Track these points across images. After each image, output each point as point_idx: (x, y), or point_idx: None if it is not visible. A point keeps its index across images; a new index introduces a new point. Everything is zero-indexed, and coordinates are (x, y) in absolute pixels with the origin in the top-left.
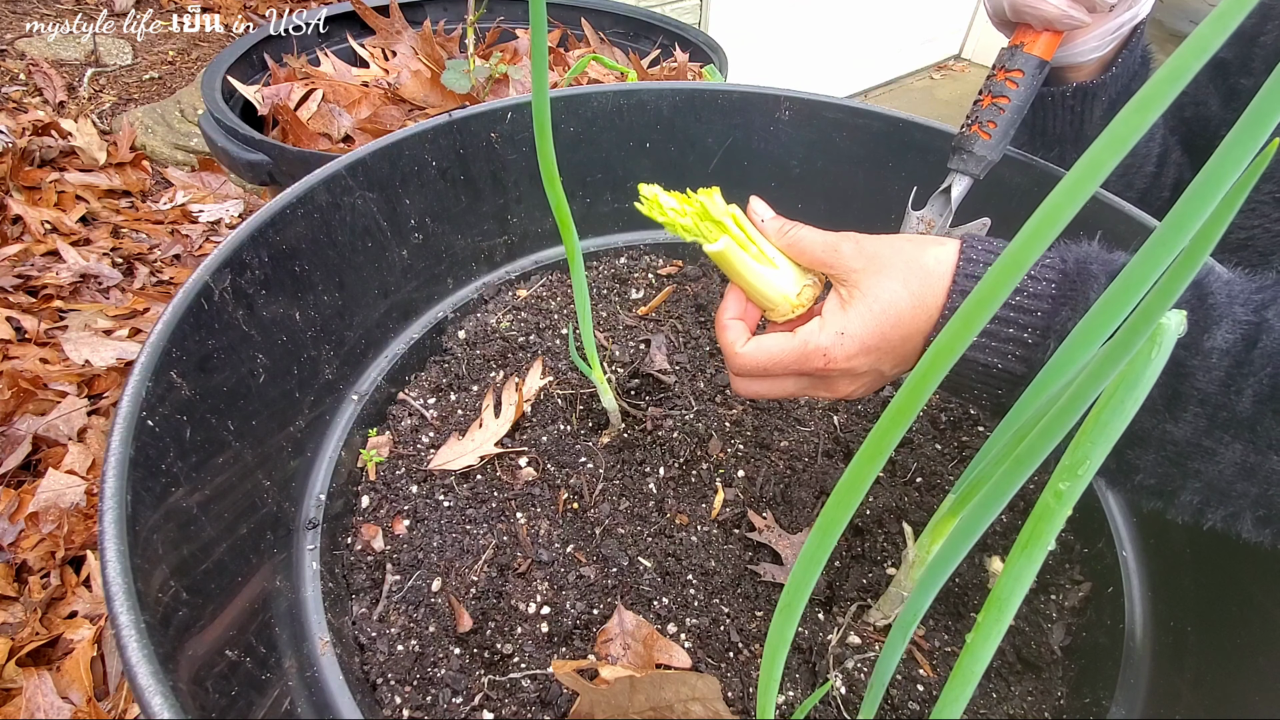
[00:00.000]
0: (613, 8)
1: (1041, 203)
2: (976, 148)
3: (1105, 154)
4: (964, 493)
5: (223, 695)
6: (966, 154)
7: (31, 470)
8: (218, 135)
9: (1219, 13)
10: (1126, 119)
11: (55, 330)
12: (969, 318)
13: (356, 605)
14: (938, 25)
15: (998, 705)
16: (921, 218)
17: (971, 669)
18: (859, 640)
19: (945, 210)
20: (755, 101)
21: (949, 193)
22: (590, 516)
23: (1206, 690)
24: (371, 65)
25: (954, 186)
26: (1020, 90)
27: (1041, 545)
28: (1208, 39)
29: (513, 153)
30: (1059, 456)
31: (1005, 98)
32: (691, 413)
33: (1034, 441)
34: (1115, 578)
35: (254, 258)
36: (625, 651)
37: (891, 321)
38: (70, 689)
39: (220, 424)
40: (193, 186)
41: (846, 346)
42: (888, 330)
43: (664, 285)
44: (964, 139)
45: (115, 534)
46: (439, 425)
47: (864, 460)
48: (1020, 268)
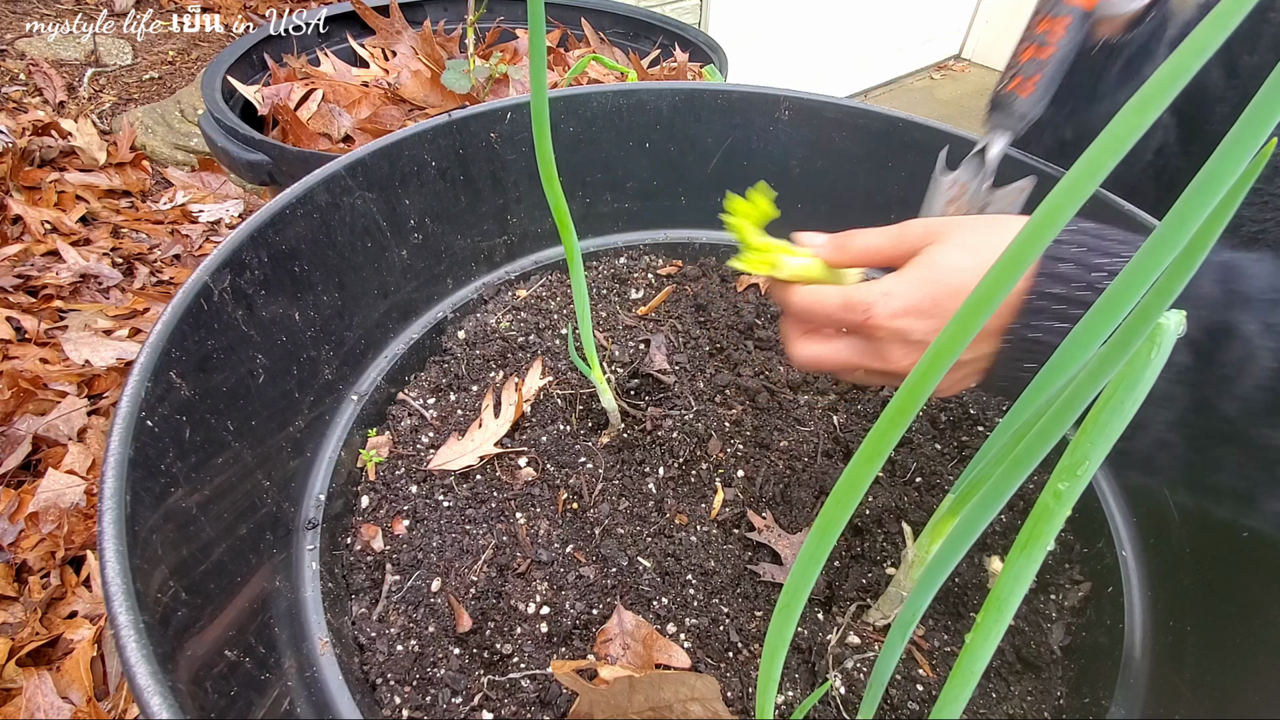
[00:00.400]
0: (613, 8)
1: (1040, 201)
2: (1018, 104)
3: (1104, 154)
4: (963, 492)
5: (222, 695)
6: (1006, 111)
7: (31, 470)
8: (218, 135)
9: (1218, 12)
10: (1126, 119)
11: (55, 330)
12: (966, 319)
13: (356, 605)
14: (938, 25)
15: (997, 705)
16: (954, 180)
17: (971, 669)
18: (858, 640)
19: (981, 172)
20: (755, 101)
21: (984, 153)
22: (590, 516)
23: (1206, 690)
24: (371, 65)
25: (991, 146)
26: (1065, 40)
27: (1041, 545)
28: (1207, 39)
29: (512, 153)
30: (1058, 456)
31: (1049, 48)
32: (691, 413)
33: (1033, 441)
34: (1115, 578)
35: (254, 258)
36: (624, 651)
37: (948, 290)
38: (70, 689)
39: (220, 424)
40: (193, 186)
41: (891, 304)
42: (943, 298)
43: (663, 285)
44: (1004, 95)
45: (114, 534)
46: (439, 425)
47: (863, 460)
48: (1020, 266)
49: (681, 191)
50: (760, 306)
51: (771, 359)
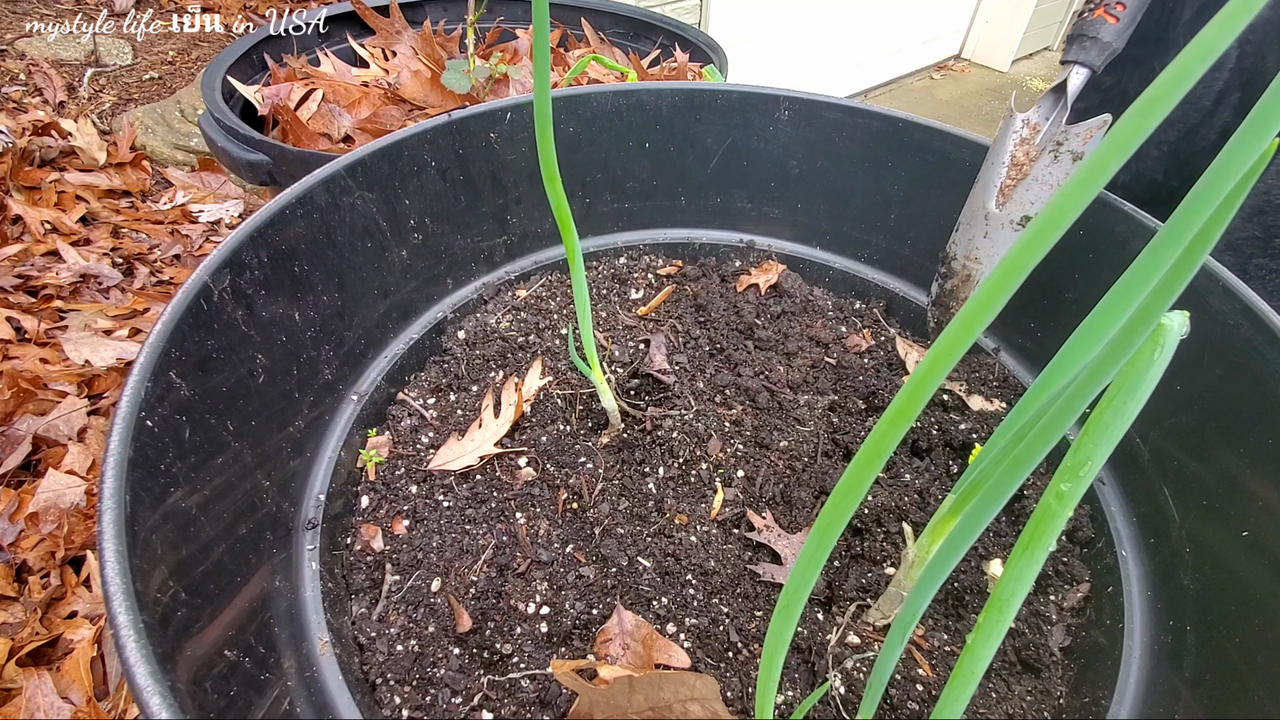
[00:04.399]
0: (613, 8)
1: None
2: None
3: (1110, 156)
4: (964, 493)
5: (222, 695)
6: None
7: (31, 470)
8: (218, 135)
9: (1226, 13)
10: (1131, 120)
11: (55, 330)
12: (969, 320)
13: (356, 605)
14: (938, 25)
15: (997, 705)
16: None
17: (972, 670)
18: (858, 640)
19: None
20: (755, 101)
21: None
22: (590, 516)
23: (1206, 690)
24: (371, 65)
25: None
26: None
27: (1043, 546)
28: (1214, 40)
29: (512, 153)
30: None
31: None
32: (691, 413)
33: (1033, 441)
34: (1115, 578)
35: (253, 258)
36: (624, 651)
37: None
38: (70, 689)
39: (219, 424)
40: (193, 186)
41: None
42: None
43: (664, 285)
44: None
45: (114, 534)
46: (439, 425)
47: (864, 461)
48: (1022, 271)
49: (681, 191)
50: (760, 306)
51: (771, 359)
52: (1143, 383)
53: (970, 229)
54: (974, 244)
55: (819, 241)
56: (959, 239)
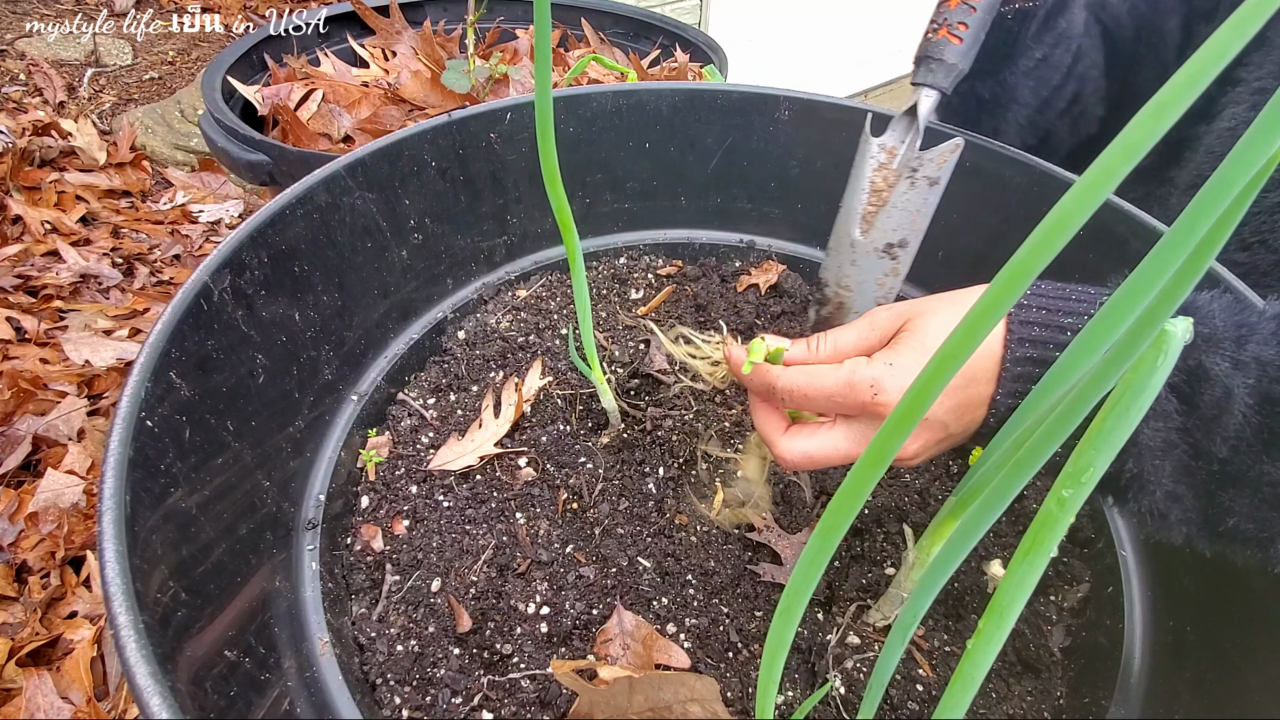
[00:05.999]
0: (613, 8)
1: (1049, 204)
2: (947, 54)
3: (1118, 161)
4: (965, 495)
5: (222, 695)
6: (935, 63)
7: (31, 470)
8: (218, 135)
9: (1238, 18)
10: (1142, 123)
11: (55, 330)
12: (973, 325)
13: (356, 605)
14: None
15: (997, 705)
16: (883, 145)
17: (973, 674)
18: (858, 640)
19: (910, 133)
20: (755, 101)
21: (913, 113)
22: (590, 517)
23: (1206, 690)
24: (371, 65)
25: (920, 104)
26: None
27: (1044, 553)
28: (1226, 44)
29: (512, 153)
30: (1061, 460)
31: None
32: (691, 413)
33: (1035, 445)
34: (1115, 578)
35: (253, 258)
36: (624, 652)
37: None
38: (70, 689)
39: (219, 424)
40: (193, 186)
41: (898, 377)
42: None
43: (663, 285)
44: (931, 45)
45: (114, 534)
46: (439, 425)
47: (865, 466)
48: (1029, 274)
49: (681, 192)
50: (760, 306)
51: None
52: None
53: (839, 256)
54: (843, 271)
55: (819, 241)
56: (829, 265)
